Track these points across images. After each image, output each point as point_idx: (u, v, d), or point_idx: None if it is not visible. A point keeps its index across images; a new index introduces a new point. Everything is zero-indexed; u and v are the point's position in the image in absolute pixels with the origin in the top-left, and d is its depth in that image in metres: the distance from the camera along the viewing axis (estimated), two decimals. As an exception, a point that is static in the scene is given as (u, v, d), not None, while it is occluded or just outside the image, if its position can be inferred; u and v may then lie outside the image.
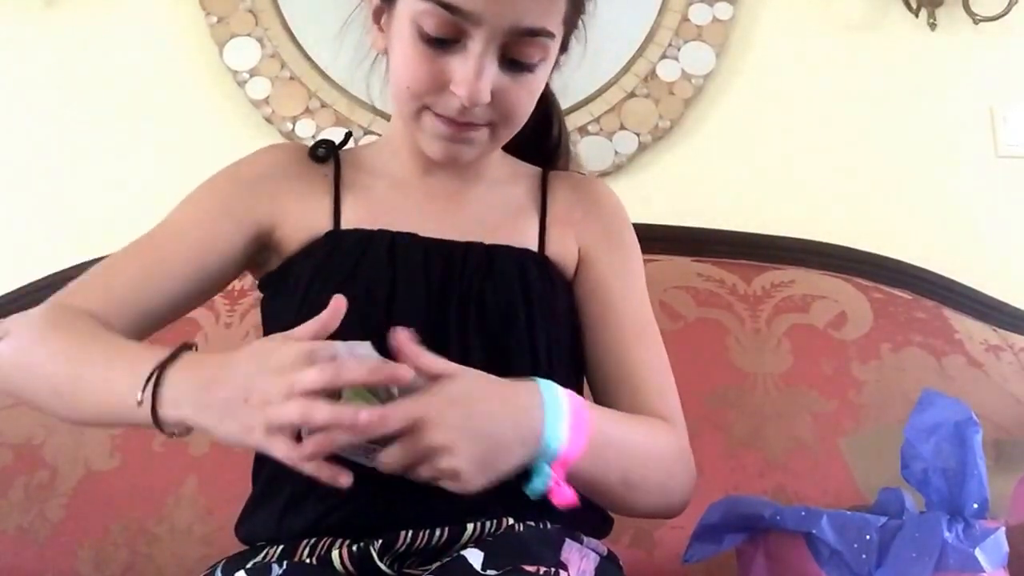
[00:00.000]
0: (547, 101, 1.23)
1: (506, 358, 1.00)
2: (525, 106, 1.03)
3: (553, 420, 0.89)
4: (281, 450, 0.78)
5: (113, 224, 1.86)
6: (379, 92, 1.13)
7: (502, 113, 1.00)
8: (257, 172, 1.12)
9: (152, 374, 0.84)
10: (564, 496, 0.88)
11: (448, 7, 0.93)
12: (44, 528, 1.47)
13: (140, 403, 0.83)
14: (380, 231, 1.06)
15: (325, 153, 1.14)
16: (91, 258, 1.77)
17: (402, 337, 0.85)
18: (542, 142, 1.25)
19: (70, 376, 0.91)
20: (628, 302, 1.13)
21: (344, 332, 0.96)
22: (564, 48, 1.07)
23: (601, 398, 1.11)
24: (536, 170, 1.21)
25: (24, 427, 1.55)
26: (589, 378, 1.13)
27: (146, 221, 1.83)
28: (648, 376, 1.09)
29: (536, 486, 0.88)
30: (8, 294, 1.80)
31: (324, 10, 1.77)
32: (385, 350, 0.91)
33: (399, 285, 1.02)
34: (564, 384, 1.01)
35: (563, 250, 1.12)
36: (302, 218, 1.09)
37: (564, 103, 1.79)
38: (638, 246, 1.18)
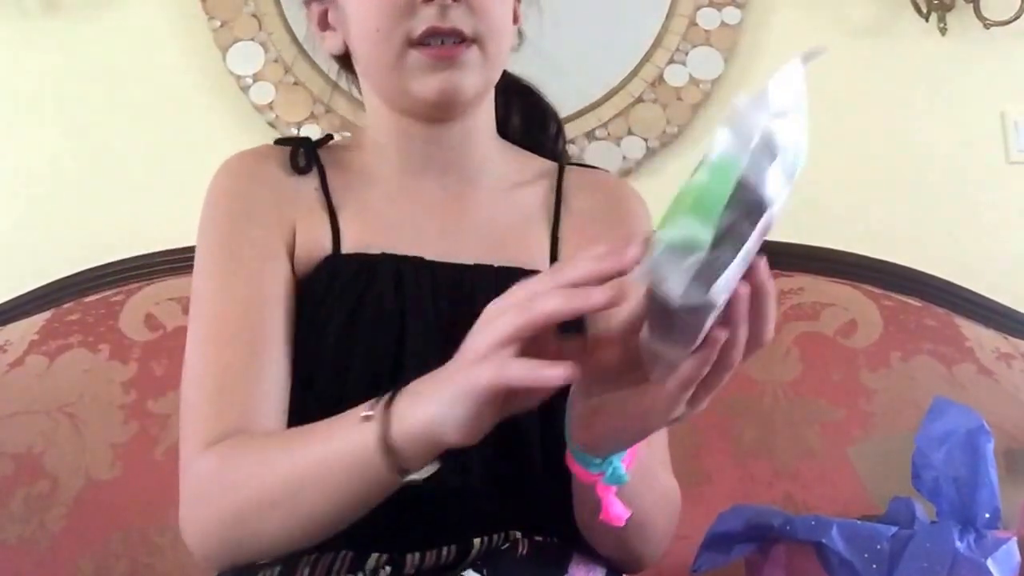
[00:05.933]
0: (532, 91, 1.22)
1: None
2: (499, 8, 1.00)
3: None
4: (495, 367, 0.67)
5: (114, 230, 1.86)
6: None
7: (480, 15, 0.97)
8: (253, 199, 1.04)
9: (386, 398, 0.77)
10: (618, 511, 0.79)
11: None
12: (44, 538, 1.46)
13: (369, 418, 0.76)
14: (384, 257, 1.01)
15: (306, 163, 1.07)
16: (92, 266, 1.79)
17: None
18: (541, 130, 1.22)
19: (283, 476, 0.84)
20: None
21: (350, 371, 0.95)
22: None
23: None
24: (550, 166, 1.15)
25: (24, 437, 1.53)
26: None
27: (146, 227, 1.85)
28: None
29: (618, 471, 0.78)
30: (8, 302, 1.80)
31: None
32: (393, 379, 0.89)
33: (408, 320, 0.97)
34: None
35: None
36: (305, 236, 1.03)
37: (571, 107, 1.81)
38: None
